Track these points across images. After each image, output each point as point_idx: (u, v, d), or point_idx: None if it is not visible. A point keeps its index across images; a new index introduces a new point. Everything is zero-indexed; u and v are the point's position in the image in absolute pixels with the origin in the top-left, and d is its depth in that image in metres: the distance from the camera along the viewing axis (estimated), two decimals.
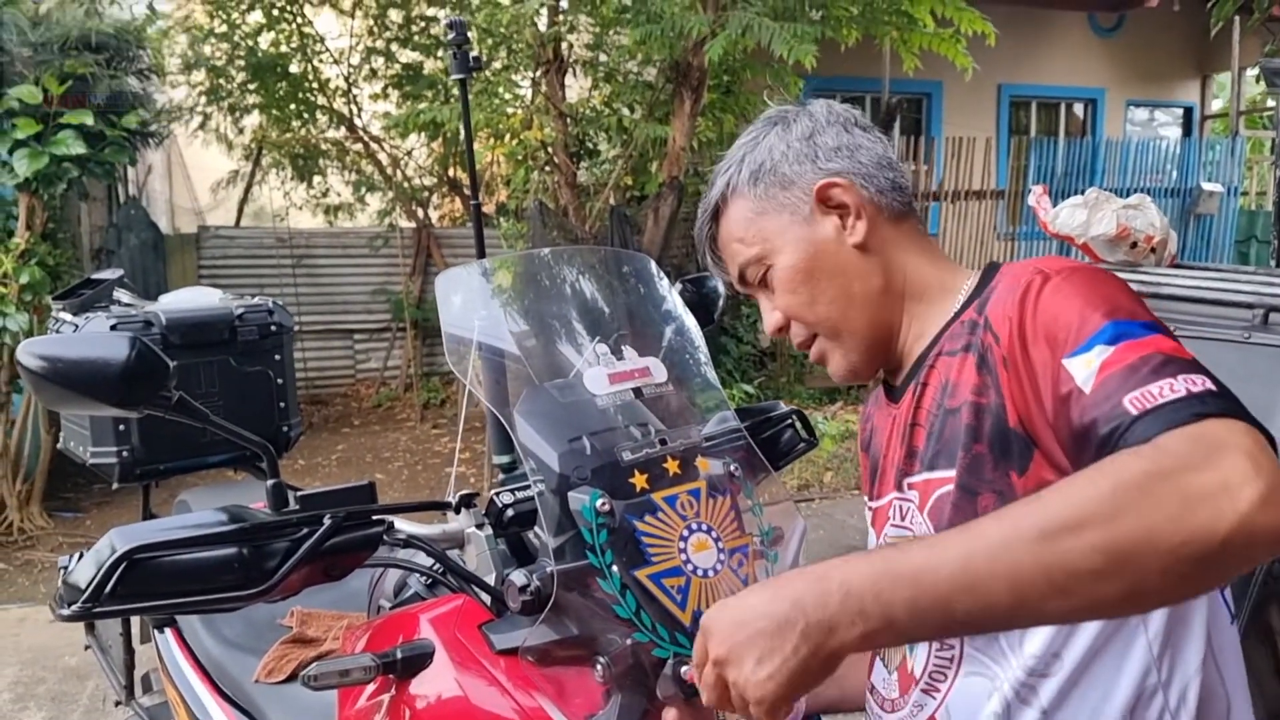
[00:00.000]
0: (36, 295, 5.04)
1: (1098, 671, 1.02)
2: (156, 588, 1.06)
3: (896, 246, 1.18)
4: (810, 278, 1.17)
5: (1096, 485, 0.78)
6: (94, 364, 1.07)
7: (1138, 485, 0.77)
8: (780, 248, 1.18)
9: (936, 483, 1.08)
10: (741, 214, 1.21)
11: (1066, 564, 0.76)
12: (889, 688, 1.17)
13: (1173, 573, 0.75)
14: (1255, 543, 0.74)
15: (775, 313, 1.21)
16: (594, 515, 1.07)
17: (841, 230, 1.16)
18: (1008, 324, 1.01)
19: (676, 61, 6.63)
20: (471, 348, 1.21)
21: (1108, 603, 0.78)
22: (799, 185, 1.17)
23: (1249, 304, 1.92)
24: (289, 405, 2.46)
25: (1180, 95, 12.63)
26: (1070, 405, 0.92)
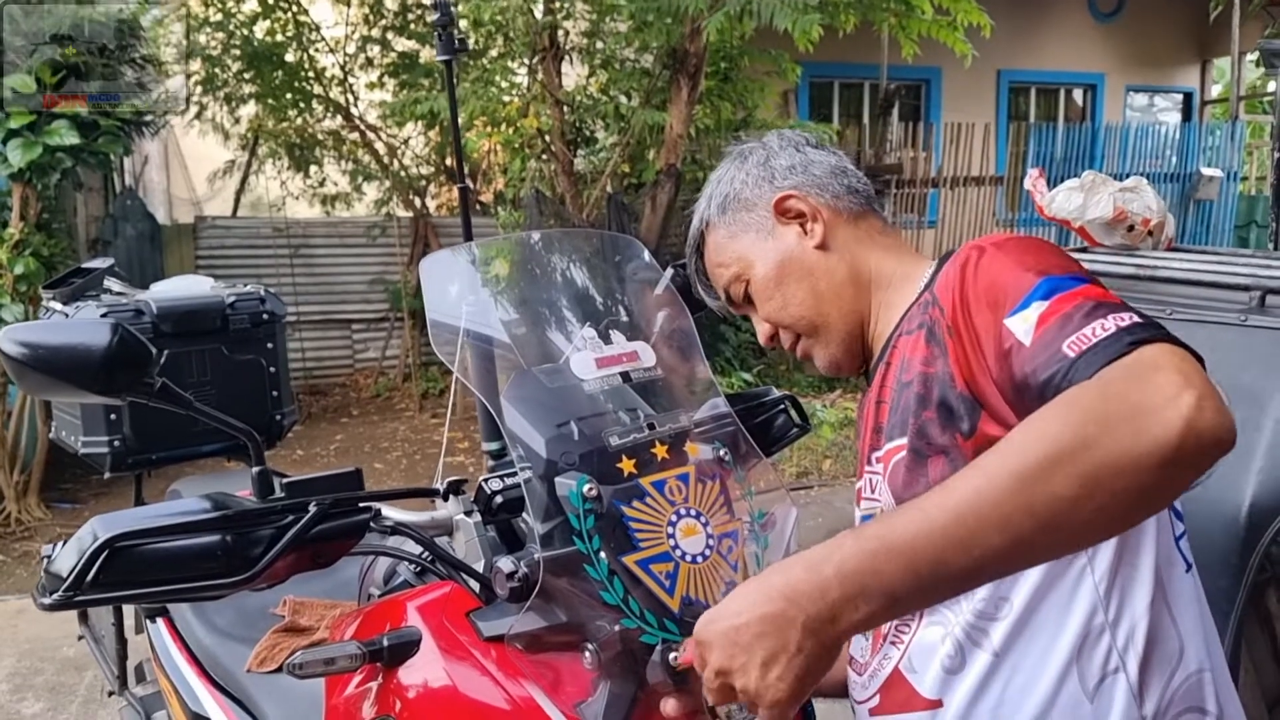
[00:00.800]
0: (31, 286, 5.03)
1: (1045, 612, 1.07)
2: (139, 576, 1.04)
3: (857, 243, 1.30)
4: (781, 282, 1.29)
5: (1058, 420, 0.84)
6: (75, 350, 1.06)
7: (1093, 413, 0.83)
8: (753, 262, 1.31)
9: (893, 451, 1.15)
10: (717, 241, 1.35)
11: (1048, 498, 0.80)
12: (863, 652, 1.22)
13: (1142, 485, 0.80)
14: (1204, 441, 0.80)
15: (764, 324, 1.34)
16: (581, 501, 1.06)
17: (802, 235, 1.29)
18: (950, 294, 1.08)
19: (674, 48, 6.60)
20: (458, 334, 1.20)
21: (1092, 526, 0.82)
22: (760, 205, 1.31)
23: (1246, 286, 1.90)
24: (282, 394, 2.45)
25: (1180, 80, 12.60)
26: (1012, 359, 0.99)
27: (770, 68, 7.77)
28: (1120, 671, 1.06)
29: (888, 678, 1.17)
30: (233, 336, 2.35)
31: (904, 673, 1.15)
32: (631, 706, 1.09)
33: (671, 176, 6.97)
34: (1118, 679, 1.06)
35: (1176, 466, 0.80)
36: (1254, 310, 1.87)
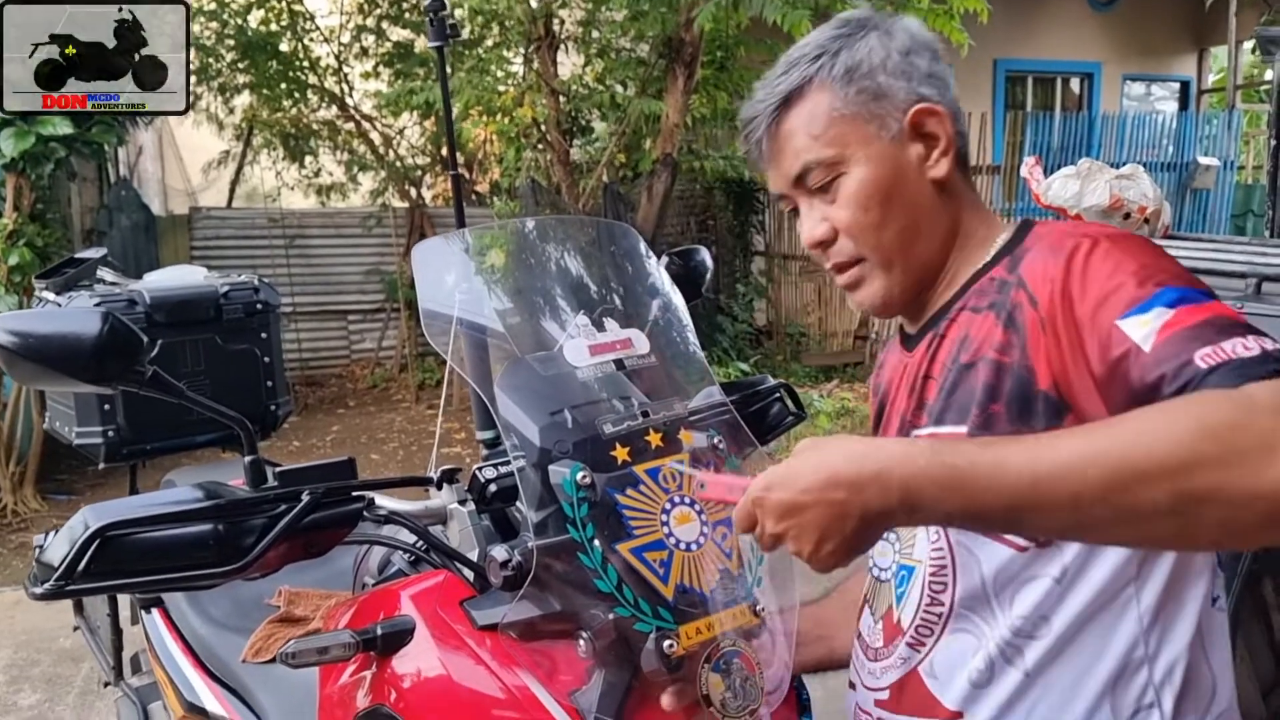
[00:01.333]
0: (25, 277, 5.01)
1: (1085, 639, 1.02)
2: (130, 565, 1.04)
3: (959, 192, 1.15)
4: (887, 200, 1.10)
5: (1181, 426, 0.78)
6: (66, 339, 1.06)
7: (1222, 433, 0.77)
8: (860, 159, 1.10)
9: (945, 438, 1.06)
10: (823, 109, 1.10)
11: (1136, 498, 0.78)
12: (874, 636, 1.18)
13: (1240, 524, 0.77)
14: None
15: (824, 224, 1.13)
16: (574, 489, 1.06)
17: (924, 161, 1.11)
18: (1049, 285, 0.99)
19: (669, 37, 6.59)
20: (450, 322, 1.19)
21: (1159, 539, 0.82)
22: (892, 100, 1.10)
23: (1242, 274, 1.90)
24: (276, 384, 2.44)
25: (1177, 69, 12.58)
26: (1128, 364, 0.91)
27: (766, 57, 7.74)
28: (1155, 708, 1.02)
29: (904, 677, 1.12)
30: (226, 326, 2.34)
31: (924, 677, 1.10)
32: (626, 695, 1.08)
33: (668, 166, 6.96)
34: (1151, 714, 1.02)
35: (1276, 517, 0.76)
36: (1250, 297, 1.88)
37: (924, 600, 1.11)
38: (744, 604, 1.12)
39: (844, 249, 1.14)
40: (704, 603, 1.09)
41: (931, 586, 1.10)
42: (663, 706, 1.07)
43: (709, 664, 1.07)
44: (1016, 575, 1.04)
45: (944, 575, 1.09)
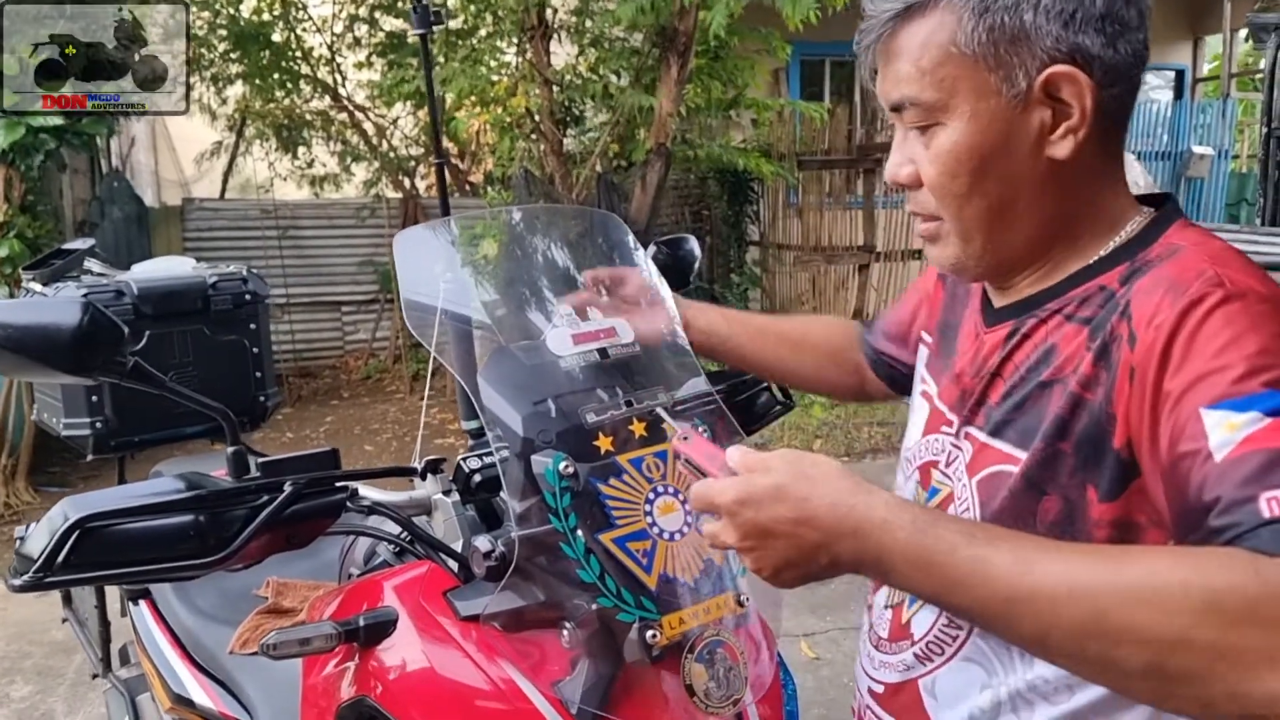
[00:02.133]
0: (16, 269, 4.99)
1: (1100, 714, 0.96)
2: (111, 556, 1.04)
3: (1090, 173, 0.95)
4: (981, 169, 0.93)
5: (1191, 595, 0.69)
6: (45, 330, 1.05)
7: (1231, 617, 0.68)
8: (964, 113, 0.92)
9: (998, 456, 0.98)
10: (941, 39, 0.91)
11: (1111, 654, 0.72)
12: (882, 623, 1.14)
13: (1209, 707, 0.70)
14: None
15: (910, 166, 0.98)
16: (557, 479, 1.05)
17: (1046, 132, 0.92)
18: (1153, 332, 0.84)
19: (663, 27, 6.56)
20: (432, 312, 1.19)
21: (1117, 688, 0.77)
22: (1030, 48, 0.89)
23: None
24: (265, 375, 2.44)
25: (1172, 58, 12.56)
26: (1192, 466, 0.78)
27: (760, 46, 7.73)
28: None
29: (903, 684, 1.09)
30: (215, 317, 2.34)
31: (923, 692, 1.07)
32: (610, 685, 1.08)
33: (661, 156, 6.94)
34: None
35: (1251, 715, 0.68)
36: None
37: (943, 619, 1.05)
38: (727, 594, 1.12)
39: (924, 202, 0.99)
40: (687, 593, 1.09)
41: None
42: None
43: (692, 654, 1.07)
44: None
45: None
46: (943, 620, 1.05)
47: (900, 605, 1.11)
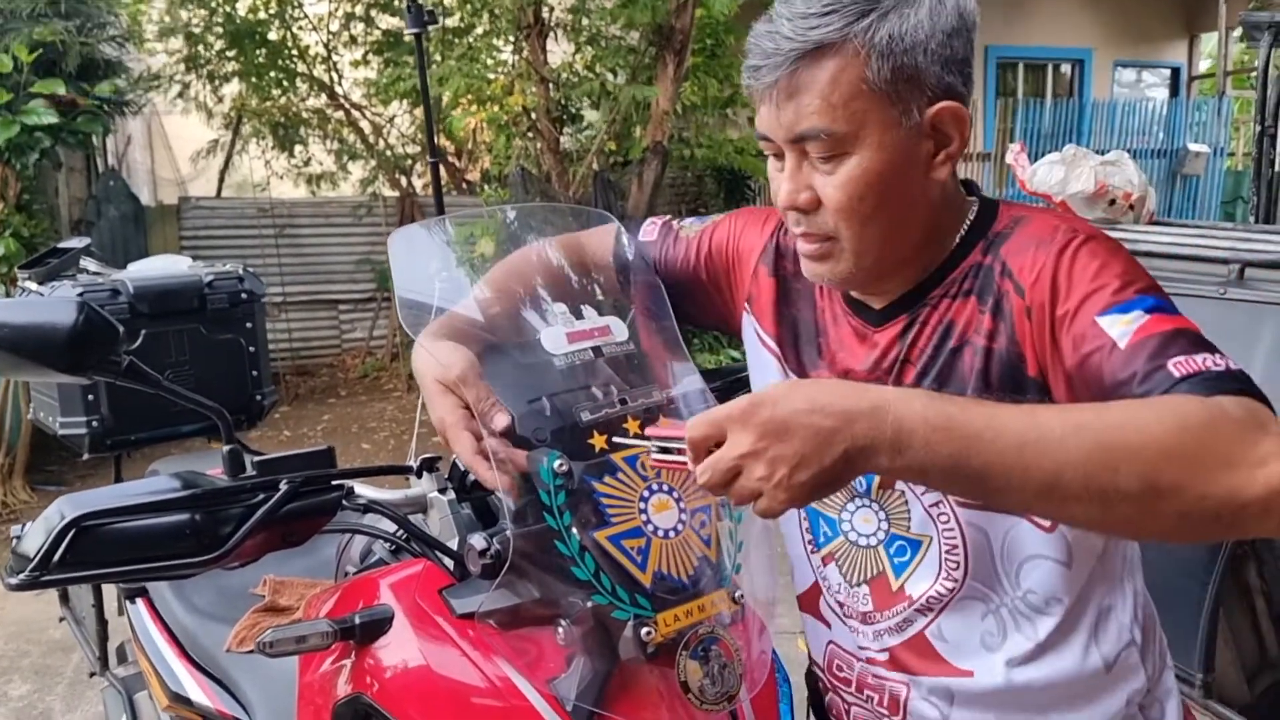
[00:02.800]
0: (12, 268, 4.99)
1: (1087, 606, 1.12)
2: (107, 555, 1.04)
3: (952, 195, 1.12)
4: (886, 192, 1.03)
5: (1161, 420, 0.84)
6: (40, 329, 1.05)
7: (1197, 432, 0.83)
8: (872, 143, 1.01)
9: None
10: (851, 77, 0.99)
11: (1110, 480, 0.82)
12: (856, 599, 1.21)
13: (1188, 517, 0.83)
14: (1268, 518, 0.82)
15: (809, 193, 1.05)
16: (551, 476, 1.06)
17: (932, 160, 1.05)
18: (1036, 276, 1.02)
19: (659, 24, 6.56)
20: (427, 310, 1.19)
21: (1118, 522, 0.86)
22: (921, 87, 1.01)
23: (1225, 260, 1.91)
24: (262, 373, 2.44)
25: (1168, 55, 12.58)
26: (1101, 359, 0.95)
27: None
28: (1132, 645, 1.15)
29: (909, 640, 1.17)
30: (211, 316, 2.34)
31: (931, 639, 1.16)
32: (605, 682, 1.08)
33: (658, 154, 6.94)
34: (1131, 651, 1.14)
35: (1230, 520, 0.83)
36: (1233, 283, 1.88)
37: (940, 575, 1.14)
38: (722, 591, 1.12)
39: (822, 224, 1.07)
40: (682, 590, 1.09)
41: (947, 563, 1.14)
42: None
43: (687, 651, 1.08)
44: (1025, 553, 1.10)
45: (957, 553, 1.13)
46: (942, 575, 1.14)
47: (880, 579, 1.18)
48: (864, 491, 1.19)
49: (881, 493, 1.17)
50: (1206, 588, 1.86)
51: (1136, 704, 1.15)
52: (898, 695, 1.19)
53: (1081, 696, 1.14)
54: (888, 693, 1.20)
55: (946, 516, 1.13)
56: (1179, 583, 1.89)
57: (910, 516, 1.16)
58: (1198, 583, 1.86)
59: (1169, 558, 1.90)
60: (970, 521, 1.11)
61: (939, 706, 1.17)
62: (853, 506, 1.20)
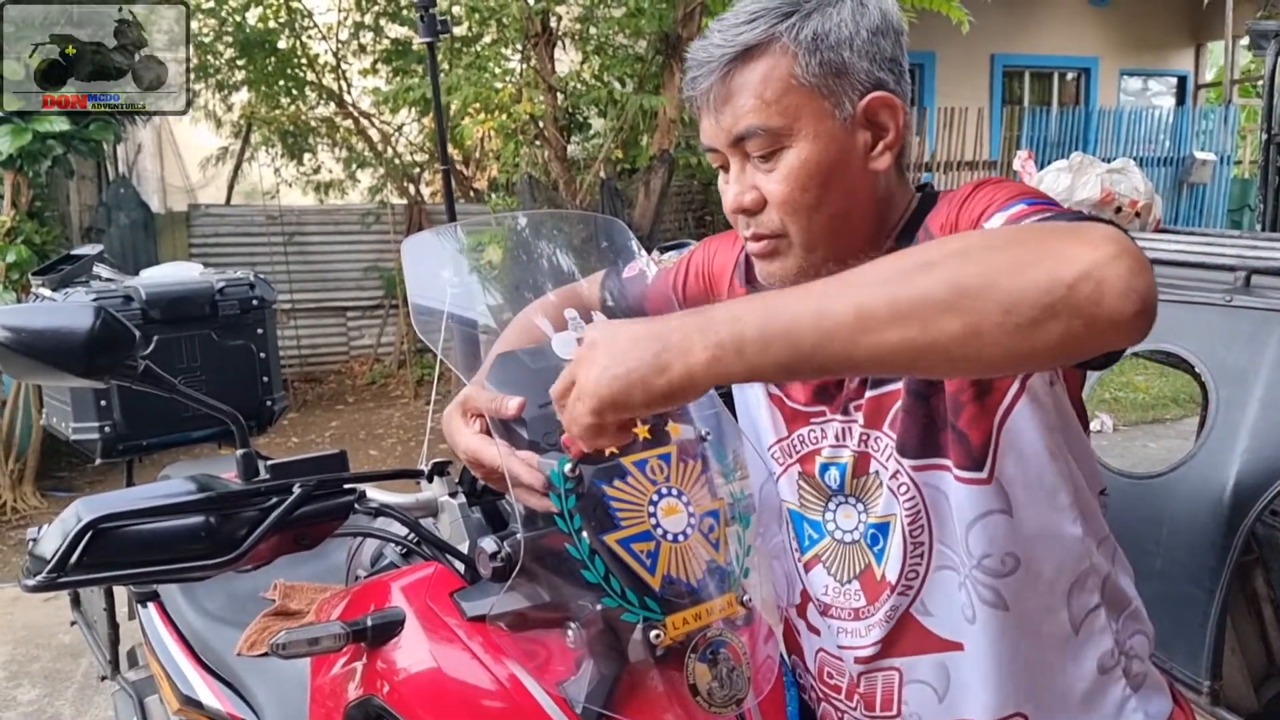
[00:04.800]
0: (23, 274, 5.02)
1: (1046, 565, 1.12)
2: (123, 557, 1.05)
3: (893, 181, 1.15)
4: (827, 182, 1.07)
5: (959, 236, 0.85)
6: (58, 333, 1.07)
7: (1000, 235, 0.83)
8: (808, 134, 1.06)
9: (888, 398, 1.13)
10: (781, 74, 1.05)
11: (914, 292, 0.77)
12: (847, 597, 1.21)
13: (1014, 313, 0.74)
14: (1102, 294, 0.73)
15: (754, 192, 1.11)
16: (562, 480, 1.06)
17: (870, 151, 1.09)
18: (945, 220, 1.08)
19: (666, 33, 6.59)
20: (439, 316, 1.20)
21: (945, 338, 0.76)
22: (852, 80, 1.06)
23: (1231, 267, 1.91)
24: (272, 379, 2.46)
25: (1174, 64, 12.58)
26: None
27: None
28: (1100, 607, 1.16)
29: (897, 624, 1.18)
30: (222, 322, 2.36)
31: (917, 617, 1.17)
32: (615, 684, 1.09)
33: (665, 162, 6.96)
34: (1098, 614, 1.16)
35: (1062, 305, 0.74)
36: (1239, 290, 1.89)
37: (908, 549, 1.15)
38: (730, 594, 1.13)
39: (769, 222, 1.11)
40: (691, 593, 1.10)
41: (912, 534, 1.15)
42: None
43: (696, 654, 1.08)
44: (974, 511, 1.10)
45: (920, 520, 1.14)
46: (910, 549, 1.15)
47: (868, 573, 1.19)
48: (839, 488, 1.21)
49: (855, 481, 1.19)
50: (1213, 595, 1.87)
51: (1110, 669, 1.17)
52: (890, 687, 1.20)
53: (1054, 663, 1.15)
54: (880, 689, 1.21)
55: (905, 486, 1.13)
56: (1186, 590, 1.90)
57: (880, 500, 1.16)
58: (1204, 590, 1.87)
59: (1177, 566, 1.91)
60: (925, 483, 1.12)
61: (934, 686, 1.17)
62: (834, 505, 1.22)
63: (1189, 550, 1.88)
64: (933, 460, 1.11)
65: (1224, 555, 1.87)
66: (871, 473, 1.17)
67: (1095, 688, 1.16)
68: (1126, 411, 7.14)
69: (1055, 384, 1.10)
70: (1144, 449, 6.29)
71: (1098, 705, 1.16)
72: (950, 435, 1.10)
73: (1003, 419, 1.07)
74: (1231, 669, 2.18)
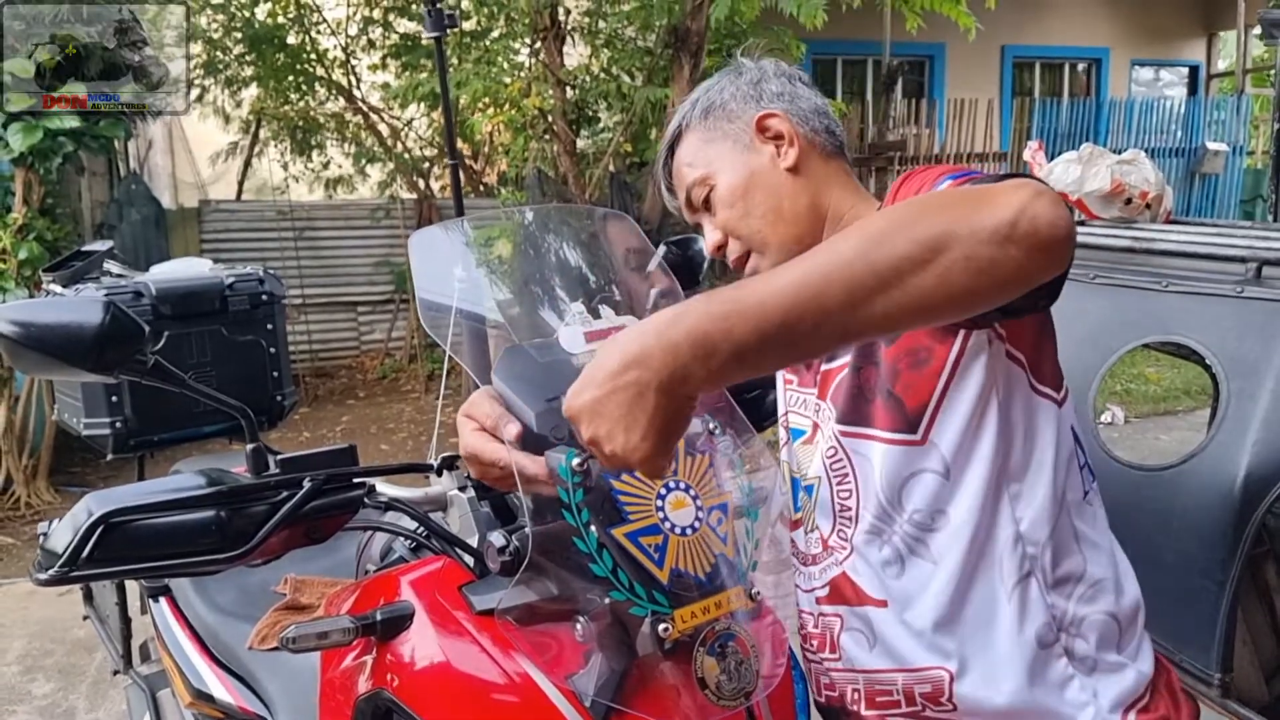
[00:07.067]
0: (35, 271, 5.03)
1: (978, 526, 1.19)
2: (134, 551, 1.06)
3: (824, 178, 1.35)
4: (746, 194, 1.32)
5: (909, 205, 0.91)
6: (68, 328, 1.07)
7: (947, 195, 0.93)
8: (722, 169, 1.34)
9: (836, 370, 1.28)
10: (693, 143, 1.37)
11: (889, 256, 0.85)
12: (810, 544, 1.34)
13: (974, 257, 0.85)
14: (1037, 223, 0.86)
15: (716, 232, 1.36)
16: (570, 474, 1.07)
17: (776, 157, 1.33)
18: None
19: (675, 26, 6.58)
20: (447, 310, 1.20)
21: (926, 293, 0.85)
22: (742, 119, 1.34)
23: (1242, 258, 1.90)
24: (282, 374, 2.46)
25: (1186, 54, 12.51)
26: None
27: (773, 45, 7.72)
28: (1033, 576, 1.19)
29: (835, 578, 1.29)
30: (232, 318, 2.37)
31: (850, 574, 1.27)
32: (623, 678, 1.09)
33: None
34: (1029, 583, 1.19)
35: (1010, 242, 0.86)
36: (1250, 282, 1.87)
37: (835, 508, 1.28)
38: (739, 588, 1.13)
39: (733, 247, 1.36)
40: (699, 587, 1.10)
41: (839, 494, 1.27)
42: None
43: (704, 647, 1.09)
44: (904, 471, 1.21)
45: (847, 482, 1.26)
46: (837, 509, 1.28)
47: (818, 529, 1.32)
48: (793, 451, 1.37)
49: (804, 447, 1.34)
50: (1224, 587, 1.86)
51: (1050, 645, 1.19)
52: (832, 632, 1.30)
53: (989, 624, 1.19)
54: (826, 633, 1.31)
55: (834, 451, 1.27)
56: (1196, 583, 1.89)
57: (813, 460, 1.32)
58: (1215, 582, 1.86)
59: (1187, 558, 1.90)
60: (853, 449, 1.25)
61: (865, 638, 1.26)
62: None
63: (1199, 542, 1.87)
64: (863, 429, 1.24)
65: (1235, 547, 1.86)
66: (815, 441, 1.32)
67: (1037, 661, 1.19)
68: (1137, 403, 7.11)
69: (993, 344, 1.16)
70: (1155, 441, 6.26)
71: (1040, 679, 1.19)
72: (880, 402, 1.22)
73: (945, 386, 1.18)
74: (1242, 661, 2.18)
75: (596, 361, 0.90)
